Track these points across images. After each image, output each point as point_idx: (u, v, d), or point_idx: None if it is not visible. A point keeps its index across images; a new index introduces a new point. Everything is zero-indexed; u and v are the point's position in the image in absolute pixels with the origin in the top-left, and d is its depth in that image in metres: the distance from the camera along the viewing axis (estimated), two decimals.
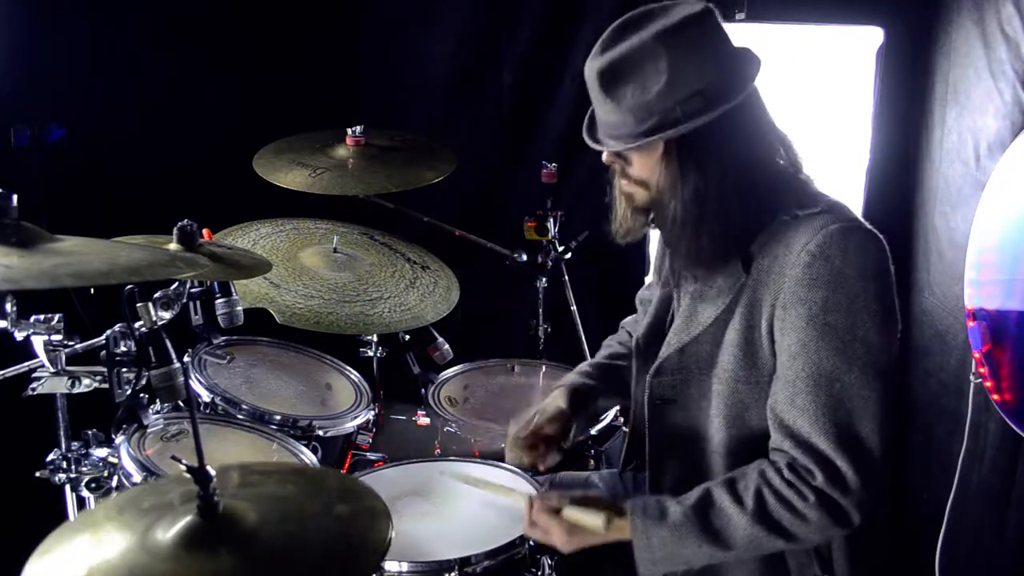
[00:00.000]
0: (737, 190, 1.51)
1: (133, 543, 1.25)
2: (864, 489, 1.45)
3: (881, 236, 1.51)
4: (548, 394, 1.94)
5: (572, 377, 1.97)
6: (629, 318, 2.11)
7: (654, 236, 1.89)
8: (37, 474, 1.86)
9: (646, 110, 1.48)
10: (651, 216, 1.65)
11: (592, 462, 2.40)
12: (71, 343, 1.73)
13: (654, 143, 1.50)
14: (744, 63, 1.53)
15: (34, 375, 1.76)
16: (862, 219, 1.54)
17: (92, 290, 1.40)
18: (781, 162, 1.58)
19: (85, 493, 1.87)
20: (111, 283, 1.24)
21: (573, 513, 1.60)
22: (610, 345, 2.06)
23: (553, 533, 1.62)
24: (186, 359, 2.33)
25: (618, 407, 2.49)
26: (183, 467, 1.27)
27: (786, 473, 1.48)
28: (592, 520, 1.58)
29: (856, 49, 2.66)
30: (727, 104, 1.46)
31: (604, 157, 1.59)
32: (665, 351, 1.65)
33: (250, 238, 2.61)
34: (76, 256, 1.24)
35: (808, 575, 1.60)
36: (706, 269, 1.59)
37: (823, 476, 1.45)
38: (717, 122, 1.47)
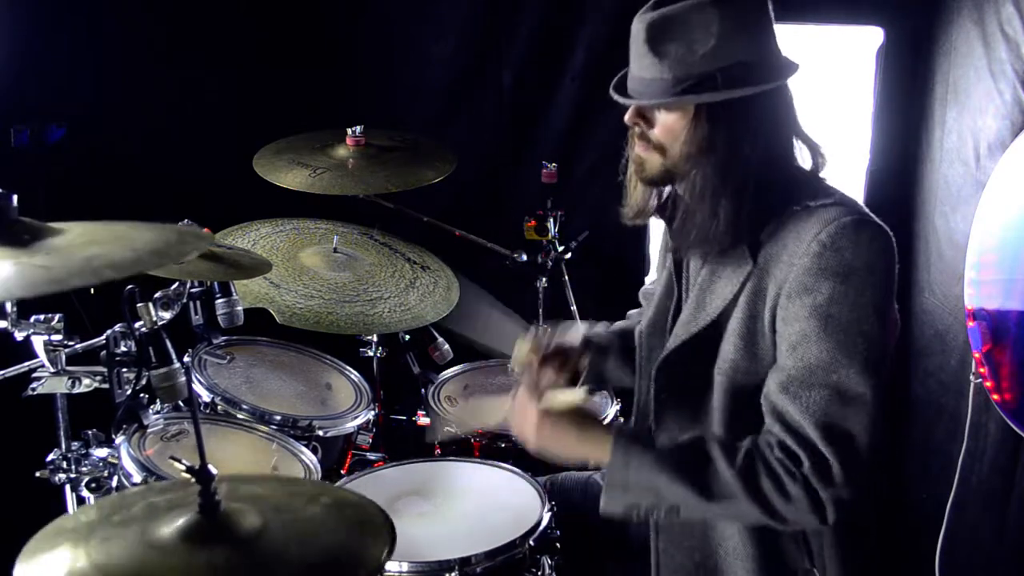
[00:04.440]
0: (759, 170, 1.51)
1: (133, 541, 1.25)
2: (846, 485, 1.44)
3: (890, 232, 1.51)
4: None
5: (593, 330, 1.95)
6: (635, 311, 2.10)
7: (655, 234, 1.89)
8: (37, 474, 1.86)
9: (687, 70, 1.48)
10: (658, 198, 1.64)
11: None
12: (71, 343, 1.73)
13: (686, 105, 1.50)
14: (786, 56, 1.55)
15: (34, 375, 1.76)
16: (873, 215, 1.54)
17: (92, 290, 1.40)
18: (801, 157, 1.58)
19: (85, 493, 1.87)
20: (145, 271, 1.24)
21: (555, 395, 1.56)
22: (624, 323, 2.05)
23: (527, 419, 1.58)
24: (186, 359, 2.33)
25: (619, 406, 2.50)
26: (182, 467, 1.26)
27: (777, 451, 1.47)
28: (572, 395, 1.54)
29: (856, 49, 2.67)
30: (767, 84, 1.48)
31: (628, 116, 1.58)
32: (672, 343, 1.65)
33: (250, 238, 2.61)
34: (94, 248, 1.23)
35: (800, 569, 1.60)
36: (716, 247, 1.57)
37: (810, 464, 1.44)
38: (752, 99, 1.48)
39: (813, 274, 1.46)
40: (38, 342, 1.71)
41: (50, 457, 1.85)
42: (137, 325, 1.65)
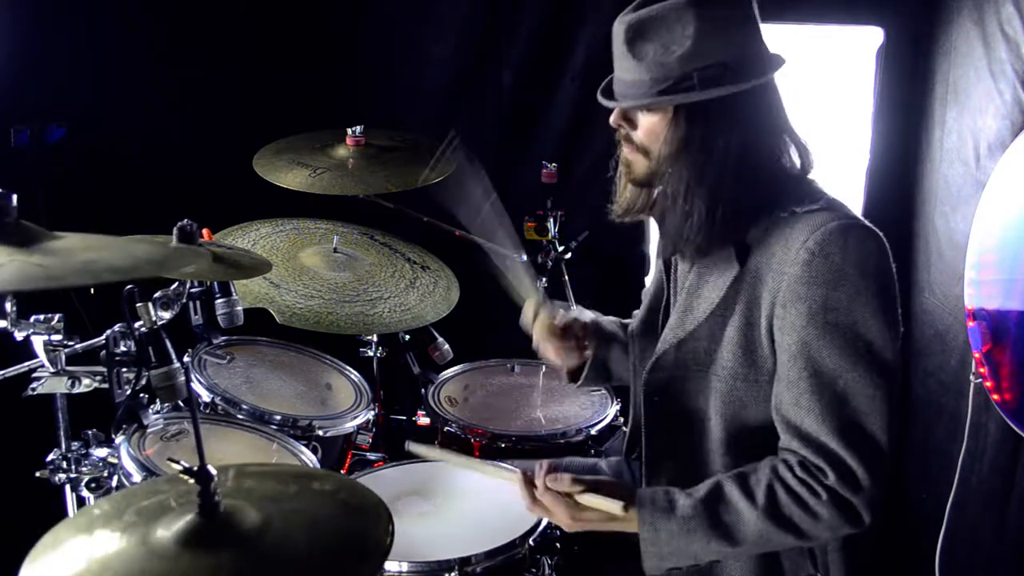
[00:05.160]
0: (736, 173, 1.51)
1: (133, 542, 1.25)
2: (874, 487, 1.45)
3: (880, 233, 1.51)
4: (550, 393, 1.94)
5: (603, 319, 1.96)
6: (638, 311, 2.10)
7: (654, 236, 1.90)
8: (37, 474, 1.85)
9: (664, 71, 1.48)
10: (647, 197, 1.65)
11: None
12: (71, 343, 1.73)
13: (664, 106, 1.51)
14: (769, 55, 1.55)
15: (34, 375, 1.76)
16: (861, 217, 1.54)
17: (92, 290, 1.41)
18: (787, 159, 1.57)
19: (85, 493, 1.87)
20: (141, 277, 1.24)
21: (590, 500, 1.56)
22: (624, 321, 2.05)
23: (558, 514, 1.58)
24: (186, 359, 2.33)
25: (619, 405, 2.50)
26: (179, 468, 1.26)
27: (798, 471, 1.47)
28: (610, 505, 1.54)
29: (856, 49, 2.66)
30: (744, 84, 1.47)
31: (612, 119, 1.59)
32: (661, 347, 1.65)
33: (250, 238, 2.61)
34: (92, 252, 1.24)
35: (802, 574, 1.60)
36: (691, 247, 1.57)
37: (835, 475, 1.45)
38: (730, 100, 1.48)
39: (804, 282, 1.46)
40: (38, 342, 1.71)
41: (50, 457, 1.85)
42: (137, 325, 1.65)
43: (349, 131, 2.66)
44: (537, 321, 1.89)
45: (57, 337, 1.71)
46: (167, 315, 1.77)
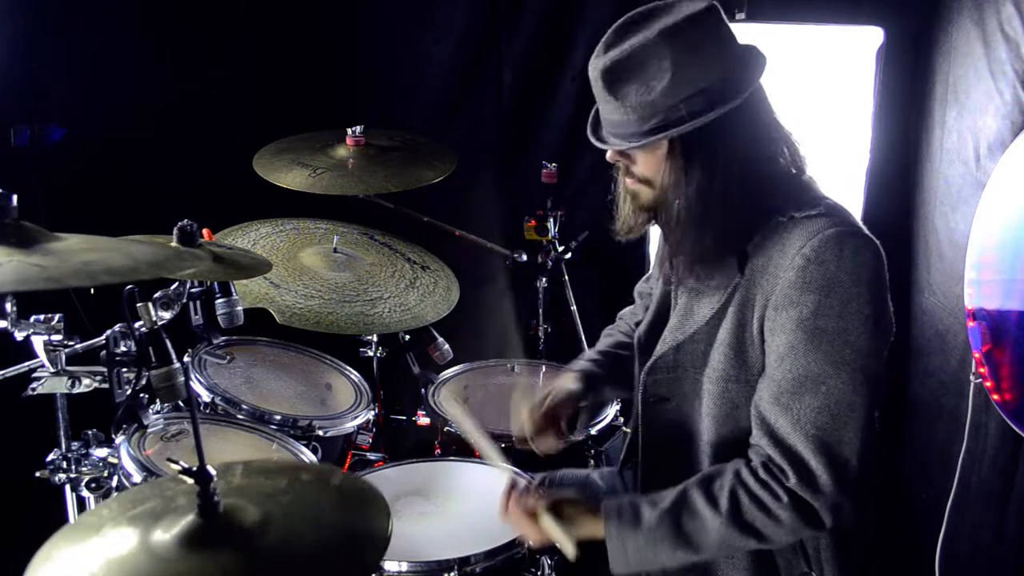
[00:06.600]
0: (741, 187, 1.51)
1: (134, 544, 1.25)
2: (838, 493, 1.45)
3: (877, 242, 1.51)
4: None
5: (582, 363, 1.96)
6: (627, 309, 2.11)
7: (655, 234, 1.89)
8: (37, 474, 1.86)
9: (650, 108, 1.47)
10: (655, 214, 1.65)
11: (592, 462, 2.40)
12: (71, 343, 1.73)
13: (658, 141, 1.50)
14: (749, 61, 1.53)
15: (34, 375, 1.76)
16: (860, 223, 1.54)
17: (92, 290, 1.40)
18: (783, 162, 1.57)
19: (85, 493, 1.87)
20: (139, 279, 1.25)
21: (551, 527, 1.60)
22: (612, 335, 2.05)
23: (525, 531, 1.64)
24: (186, 359, 2.33)
25: (619, 406, 2.50)
26: (178, 469, 1.26)
27: (761, 473, 1.48)
28: (565, 546, 1.58)
29: (856, 49, 2.66)
30: (732, 103, 1.46)
31: (608, 155, 1.59)
32: (660, 349, 1.66)
33: (250, 238, 2.61)
34: (92, 254, 1.24)
35: (796, 573, 1.60)
36: (709, 266, 1.58)
37: (796, 477, 1.46)
38: (722, 119, 1.46)
39: (798, 288, 1.46)
40: (38, 342, 1.71)
41: (50, 457, 1.85)
42: (137, 325, 1.65)
43: (349, 131, 2.66)
44: (526, 422, 1.87)
45: (57, 337, 1.71)
46: (167, 315, 1.77)
